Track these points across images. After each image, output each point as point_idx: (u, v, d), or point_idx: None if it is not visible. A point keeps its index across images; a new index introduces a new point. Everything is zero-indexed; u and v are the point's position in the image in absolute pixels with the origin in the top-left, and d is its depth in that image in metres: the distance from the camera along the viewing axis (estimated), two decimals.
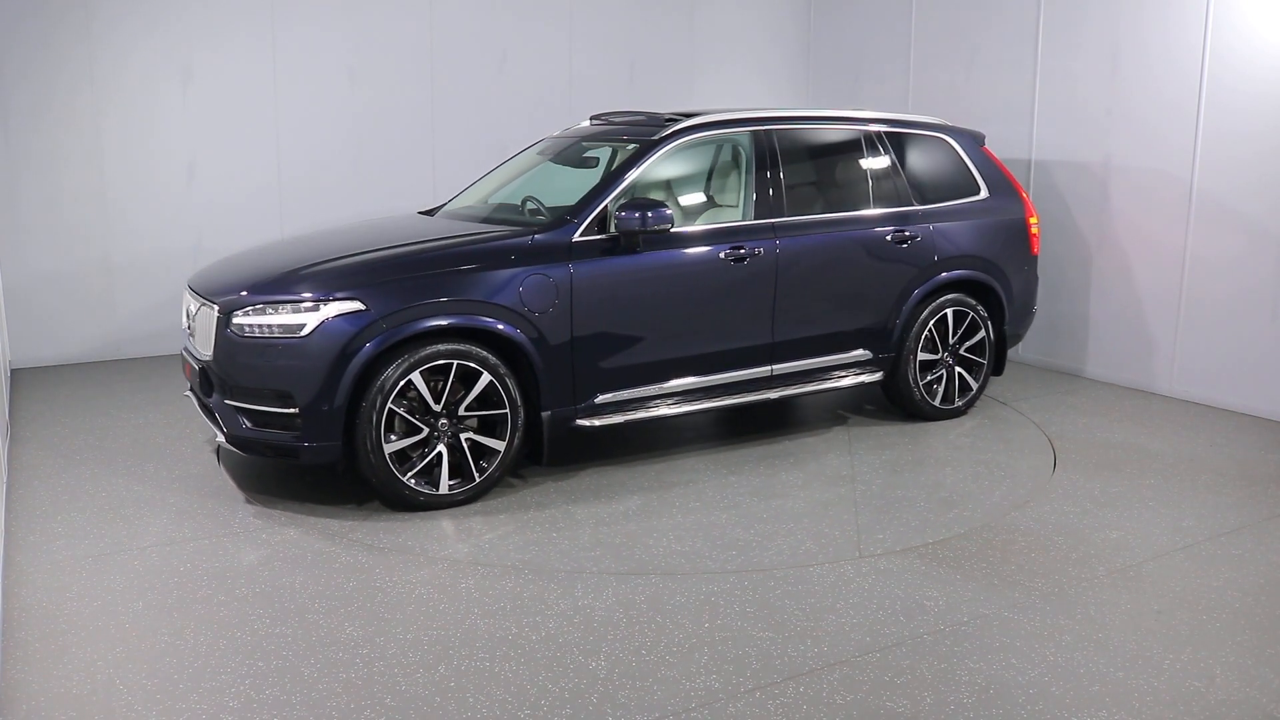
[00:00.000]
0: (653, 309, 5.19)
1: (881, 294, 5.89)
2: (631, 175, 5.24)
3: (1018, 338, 6.62)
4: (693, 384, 5.38)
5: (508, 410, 4.81)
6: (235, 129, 7.78)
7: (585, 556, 4.31)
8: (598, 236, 5.06)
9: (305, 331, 4.52)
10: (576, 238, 5.01)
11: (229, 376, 4.68)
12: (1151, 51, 6.76)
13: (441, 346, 4.64)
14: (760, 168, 5.61)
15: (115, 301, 7.61)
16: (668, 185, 5.94)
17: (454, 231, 5.19)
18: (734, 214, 5.68)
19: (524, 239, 4.95)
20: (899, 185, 6.05)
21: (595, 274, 5.01)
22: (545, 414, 4.97)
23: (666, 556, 4.29)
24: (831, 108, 7.14)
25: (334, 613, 3.77)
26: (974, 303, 6.21)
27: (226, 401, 4.71)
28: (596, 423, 5.11)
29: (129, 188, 7.53)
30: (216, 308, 4.71)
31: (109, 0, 7.26)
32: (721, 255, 5.34)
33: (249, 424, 4.68)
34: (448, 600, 3.88)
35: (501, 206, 5.75)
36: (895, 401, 6.24)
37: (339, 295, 4.55)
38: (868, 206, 5.93)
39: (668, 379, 5.30)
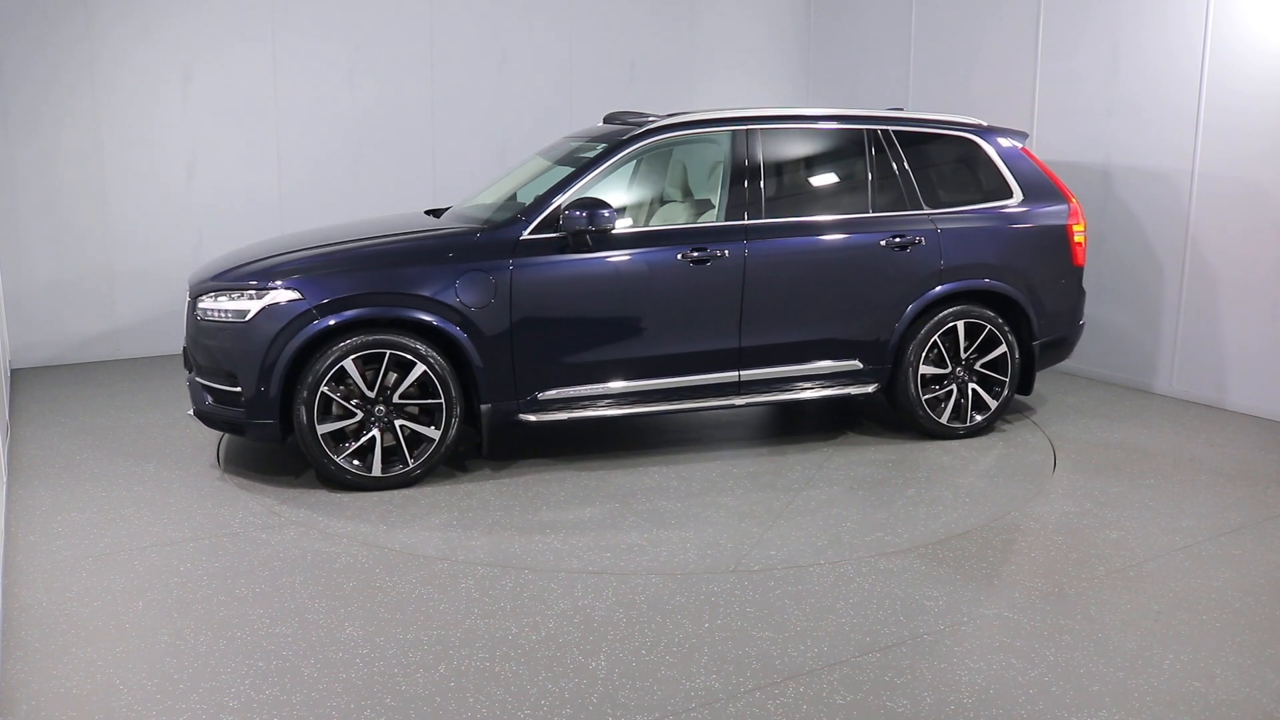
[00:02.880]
0: (600, 308, 5.20)
1: (875, 302, 5.59)
2: (590, 176, 5.28)
3: (1059, 352, 6.12)
4: (649, 386, 5.32)
5: (443, 401, 4.98)
6: (235, 129, 7.78)
7: (459, 545, 4.41)
8: (548, 235, 5.14)
9: (248, 317, 4.88)
10: (524, 236, 5.12)
11: (195, 355, 5.16)
12: (1151, 51, 6.76)
13: (372, 336, 4.88)
14: (737, 169, 5.48)
15: (115, 301, 7.61)
16: (641, 186, 5.92)
17: (416, 228, 5.41)
18: (710, 215, 5.54)
19: (470, 236, 5.13)
20: (903, 188, 5.72)
21: (538, 272, 5.09)
22: (484, 407, 5.09)
23: (538, 552, 4.33)
24: (834, 107, 6.58)
25: (334, 613, 3.77)
26: (992, 315, 5.77)
27: (195, 378, 5.18)
28: (542, 418, 5.18)
29: (129, 188, 7.53)
30: (189, 292, 5.20)
31: (109, 0, 7.27)
32: (679, 256, 5.27)
33: (210, 400, 5.11)
34: (448, 600, 3.88)
35: (507, 205, 5.75)
36: (901, 416, 5.90)
37: (279, 285, 4.90)
38: (864, 210, 5.65)
39: (619, 379, 5.28)
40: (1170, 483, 5.23)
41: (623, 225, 5.44)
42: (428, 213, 6.03)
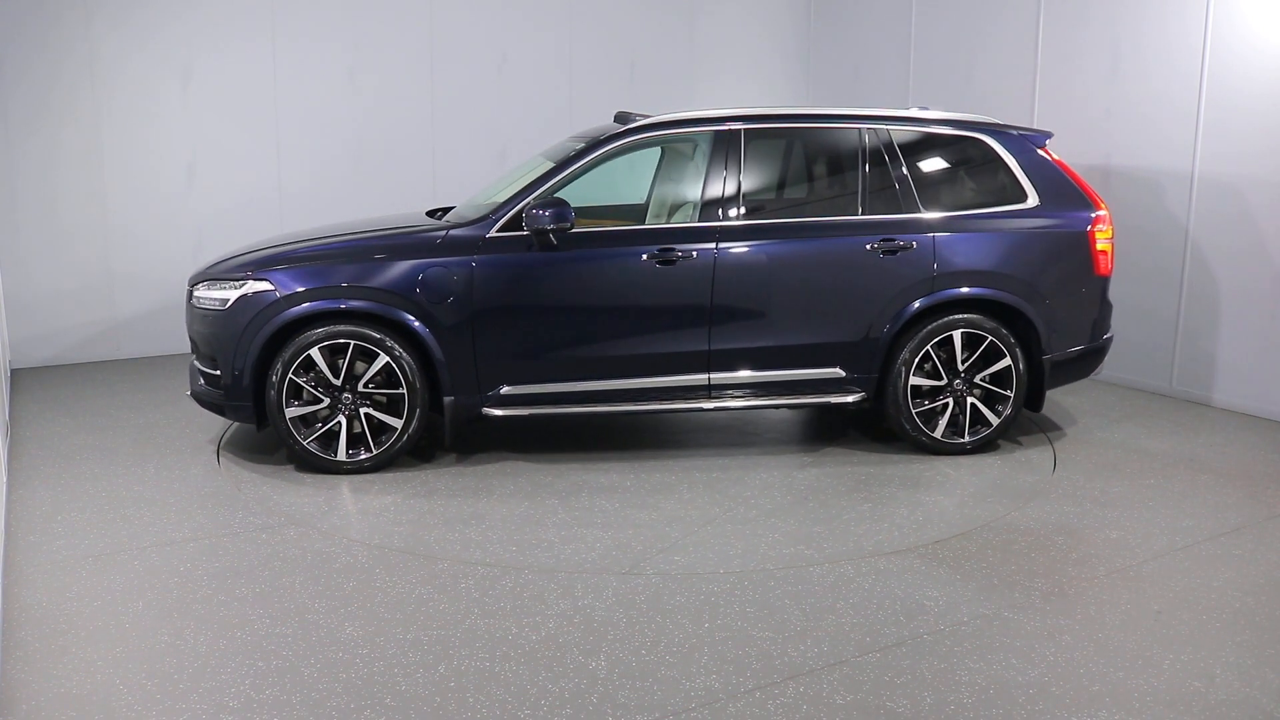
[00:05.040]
0: (562, 307, 5.24)
1: (858, 308, 5.37)
2: (560, 176, 5.32)
3: (1078, 368, 5.73)
4: (614, 386, 5.32)
5: (405, 391, 5.15)
6: (235, 130, 7.79)
7: (378, 529, 4.57)
8: (515, 234, 5.21)
9: (227, 306, 5.18)
10: (491, 234, 5.22)
11: (192, 340, 5.51)
12: (1151, 51, 6.76)
13: (336, 327, 5.10)
14: (714, 169, 5.40)
15: (115, 301, 7.61)
16: (650, 186, 5.91)
17: (390, 225, 5.57)
18: (689, 217, 5.46)
19: (437, 234, 5.27)
20: (899, 190, 5.46)
21: (499, 269, 5.18)
22: (448, 399, 5.23)
23: (448, 542, 4.42)
24: (830, 106, 6.53)
25: (334, 613, 3.77)
26: (993, 325, 5.43)
27: (193, 362, 5.55)
28: (506, 413, 5.27)
29: (129, 188, 7.53)
30: (188, 281, 5.53)
31: (109, 0, 7.27)
32: (644, 257, 5.25)
33: (203, 382, 5.41)
34: (448, 600, 3.88)
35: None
36: (893, 429, 5.62)
37: (254, 276, 5.17)
38: (853, 213, 5.45)
39: (583, 378, 5.30)
40: (1170, 483, 5.23)
41: (619, 226, 5.45)
42: (430, 213, 6.03)
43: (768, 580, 4.06)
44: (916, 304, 5.40)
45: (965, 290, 5.44)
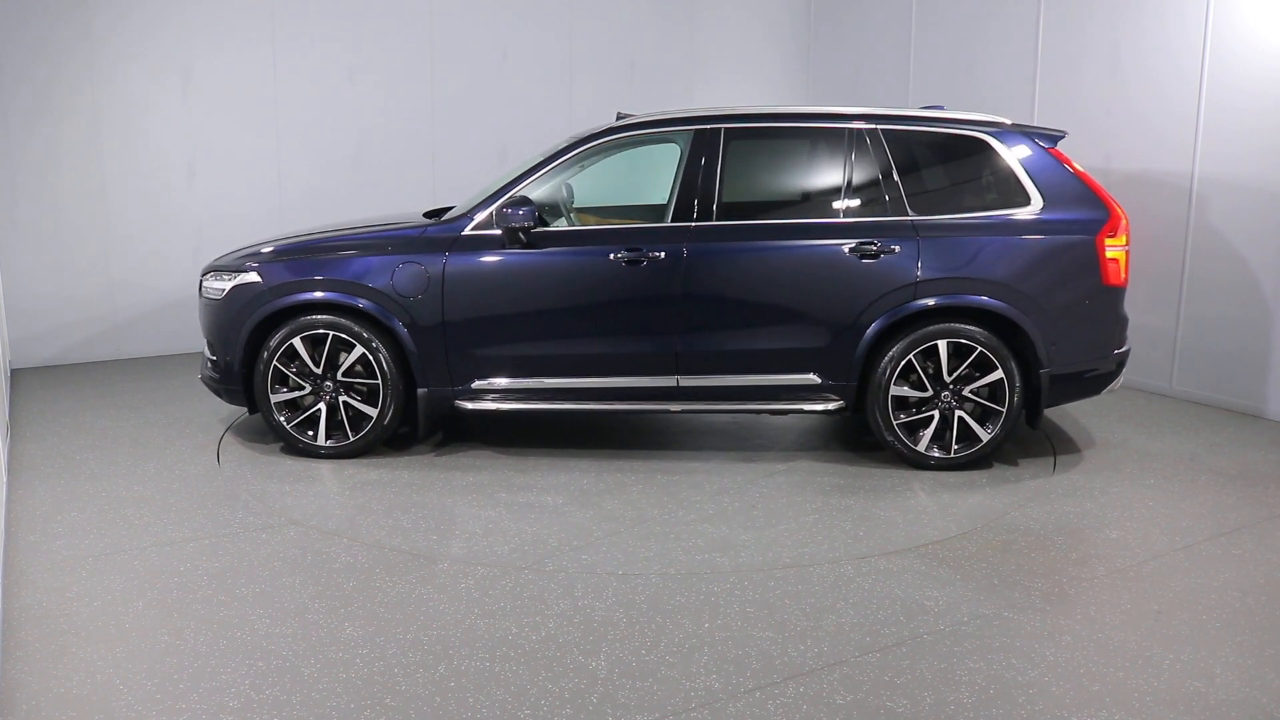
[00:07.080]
0: (530, 304, 5.32)
1: (834, 313, 5.18)
2: (536, 175, 5.41)
3: (1084, 386, 5.39)
4: (582, 384, 5.34)
5: (380, 381, 5.35)
6: (235, 129, 7.79)
7: (316, 512, 4.74)
8: (490, 232, 5.33)
9: (222, 295, 5.48)
10: (467, 232, 5.35)
11: (202, 327, 5.74)
12: (1151, 51, 6.76)
13: (314, 317, 5.34)
14: (690, 169, 5.32)
15: (115, 301, 7.62)
16: (609, 185, 5.99)
17: (378, 223, 5.76)
18: (665, 217, 5.38)
19: (417, 231, 5.44)
20: (886, 192, 5.24)
21: (470, 267, 5.31)
22: (421, 391, 5.39)
23: (375, 530, 4.54)
24: (819, 105, 6.06)
25: (334, 613, 3.77)
26: (984, 336, 5.15)
27: (204, 349, 5.76)
28: (477, 407, 5.37)
29: (129, 188, 7.54)
30: (200, 272, 5.80)
31: (109, 0, 7.27)
32: (612, 257, 5.24)
33: (209, 367, 5.68)
34: (448, 600, 3.88)
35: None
36: (878, 438, 5.38)
37: (246, 269, 5.45)
38: (834, 215, 5.28)
39: (553, 375, 5.35)
40: (1170, 483, 5.23)
41: (592, 225, 5.53)
42: (432, 213, 6.03)
43: (768, 580, 4.06)
44: (898, 310, 5.17)
45: (952, 297, 5.17)
